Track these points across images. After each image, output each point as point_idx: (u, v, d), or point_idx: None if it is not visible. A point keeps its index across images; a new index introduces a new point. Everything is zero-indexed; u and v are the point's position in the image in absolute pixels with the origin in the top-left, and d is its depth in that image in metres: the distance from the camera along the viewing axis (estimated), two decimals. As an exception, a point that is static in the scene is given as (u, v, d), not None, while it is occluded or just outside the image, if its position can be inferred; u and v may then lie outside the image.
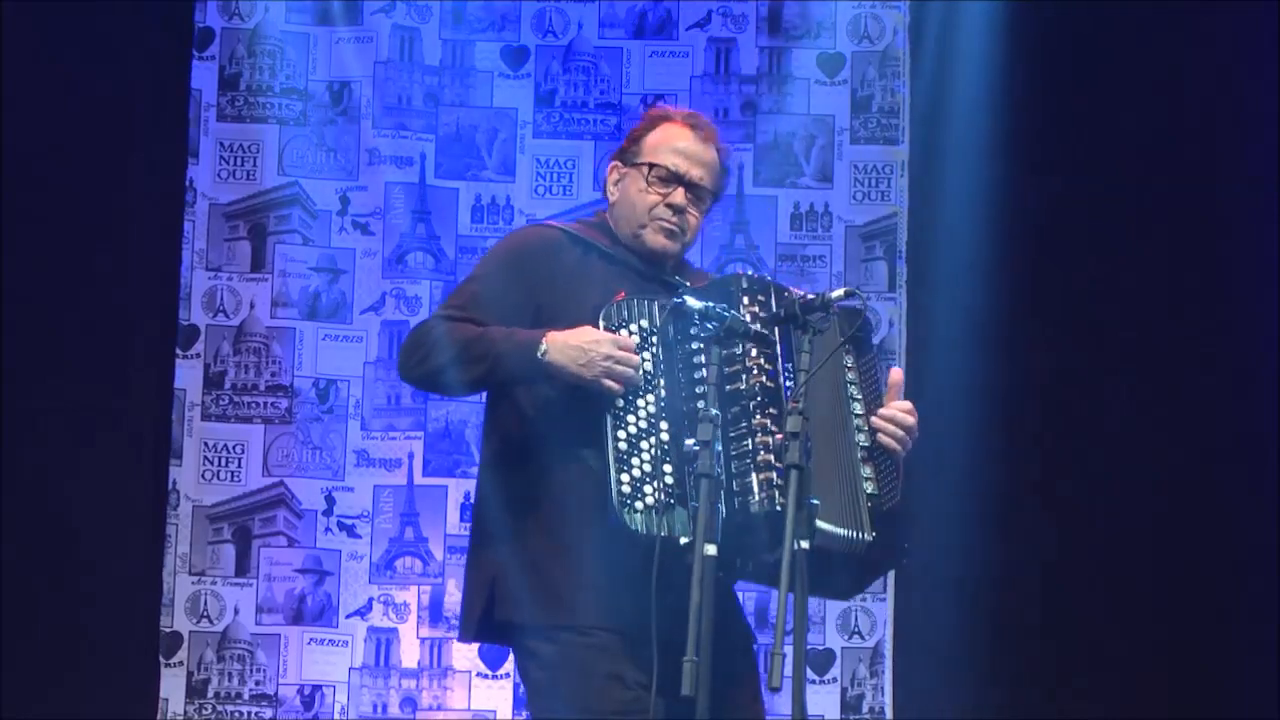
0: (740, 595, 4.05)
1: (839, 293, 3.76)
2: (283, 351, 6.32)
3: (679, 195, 3.94)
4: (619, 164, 4.02)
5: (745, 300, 3.78)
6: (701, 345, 3.74)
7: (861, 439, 3.81)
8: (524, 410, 3.89)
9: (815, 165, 6.40)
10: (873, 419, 3.83)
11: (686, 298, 3.75)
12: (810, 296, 3.77)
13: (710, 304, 3.73)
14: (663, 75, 6.43)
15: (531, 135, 6.43)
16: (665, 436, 3.73)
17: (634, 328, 3.80)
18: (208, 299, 6.33)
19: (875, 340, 5.83)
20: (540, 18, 6.48)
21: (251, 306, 6.33)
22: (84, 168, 6.19)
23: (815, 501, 3.60)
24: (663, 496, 3.67)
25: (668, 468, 3.70)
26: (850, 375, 3.85)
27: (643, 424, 3.74)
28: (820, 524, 3.63)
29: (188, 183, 6.32)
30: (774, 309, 3.79)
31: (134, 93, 6.26)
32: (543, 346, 3.77)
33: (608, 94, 6.44)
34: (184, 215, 6.31)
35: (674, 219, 3.95)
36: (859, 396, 3.84)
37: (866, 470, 3.79)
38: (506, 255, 4.01)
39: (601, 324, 3.79)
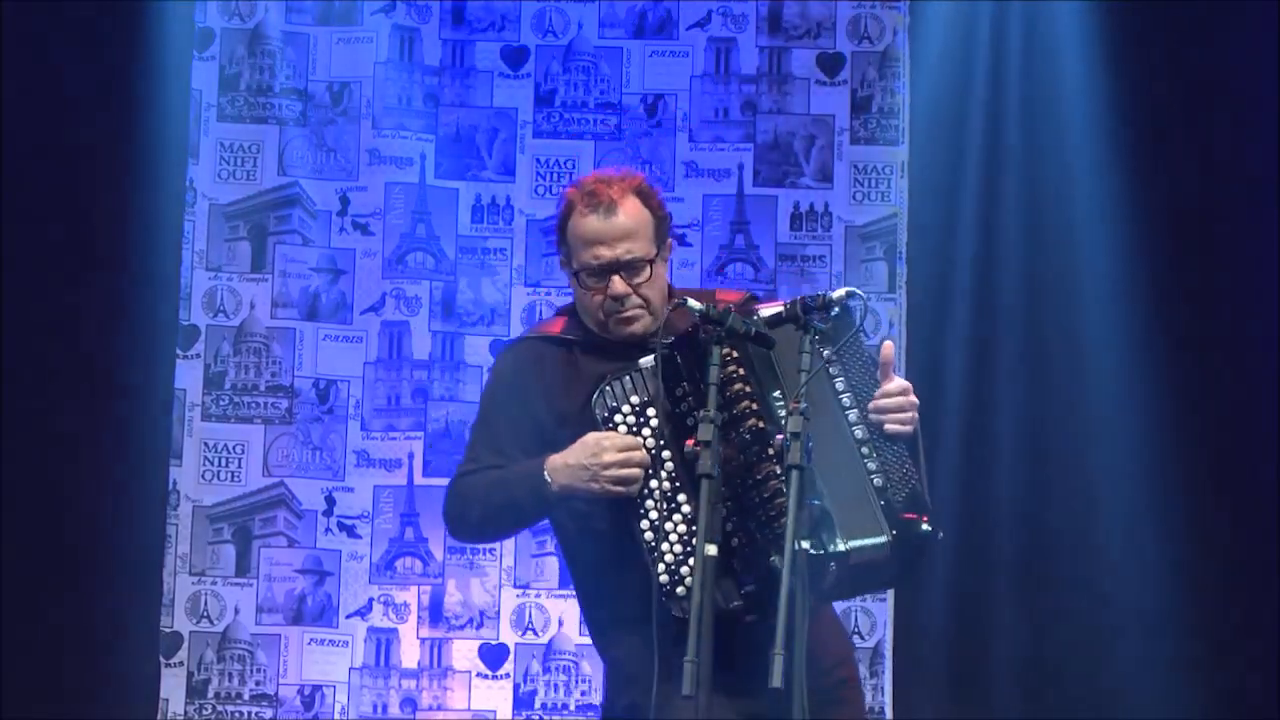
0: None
1: (840, 293, 3.75)
2: (283, 352, 6.32)
3: (616, 285, 3.89)
4: (563, 266, 4.01)
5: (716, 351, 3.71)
6: (690, 400, 3.73)
7: (858, 432, 3.76)
8: (569, 530, 3.95)
9: (815, 165, 6.40)
10: (870, 414, 3.77)
11: (688, 299, 3.75)
12: (809, 297, 3.75)
13: (709, 306, 3.72)
14: (663, 75, 6.43)
15: (531, 135, 6.43)
16: (687, 509, 3.73)
17: (625, 409, 3.80)
18: (208, 299, 6.32)
19: (873, 340, 5.80)
20: (540, 18, 6.48)
21: (251, 307, 6.33)
22: (84, 167, 6.18)
23: (817, 501, 3.60)
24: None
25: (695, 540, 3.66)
26: (832, 369, 3.78)
27: (662, 506, 3.73)
28: (852, 543, 3.64)
29: (188, 183, 6.32)
30: (784, 313, 3.75)
31: (134, 93, 6.26)
32: (546, 478, 3.80)
33: (608, 94, 6.44)
34: (184, 215, 6.31)
35: (624, 308, 3.91)
36: (844, 389, 3.78)
37: (871, 465, 3.74)
38: (498, 386, 4.03)
39: (597, 414, 3.79)
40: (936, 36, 6.34)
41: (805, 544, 3.52)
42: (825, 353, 3.77)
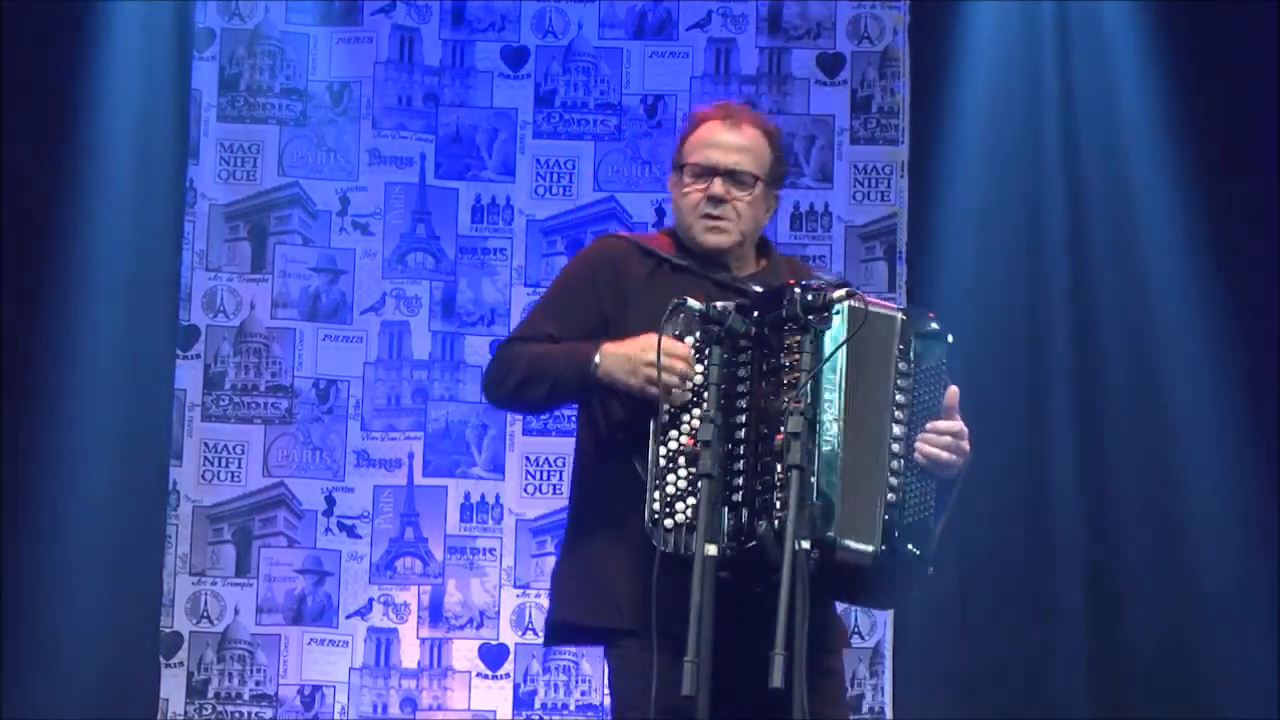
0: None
1: (839, 293, 3.74)
2: (283, 352, 6.32)
3: (716, 186, 3.91)
4: (673, 173, 4.03)
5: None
6: (745, 356, 3.73)
7: (895, 447, 3.75)
8: (597, 423, 3.92)
9: (815, 165, 6.40)
10: (919, 441, 3.76)
11: (688, 299, 3.75)
12: (809, 297, 3.74)
13: (710, 305, 3.72)
14: (663, 75, 6.43)
15: (531, 135, 6.43)
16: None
17: (689, 340, 3.77)
18: (208, 299, 6.33)
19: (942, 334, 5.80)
20: (540, 18, 6.48)
21: (251, 307, 6.33)
22: (84, 167, 6.18)
23: (818, 503, 3.60)
24: (694, 514, 3.65)
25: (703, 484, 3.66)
26: (902, 382, 3.78)
27: (685, 440, 3.72)
28: (843, 540, 3.62)
29: (188, 183, 6.32)
30: (784, 312, 3.75)
31: (134, 93, 6.25)
32: (596, 359, 3.79)
33: (608, 94, 6.44)
34: (184, 215, 6.31)
35: (715, 211, 3.92)
36: (903, 403, 3.77)
37: (893, 480, 3.73)
38: (573, 272, 4.03)
39: (665, 329, 3.76)
40: (937, 36, 6.34)
41: (805, 544, 3.52)
42: (902, 366, 3.78)
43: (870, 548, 3.69)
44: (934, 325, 3.79)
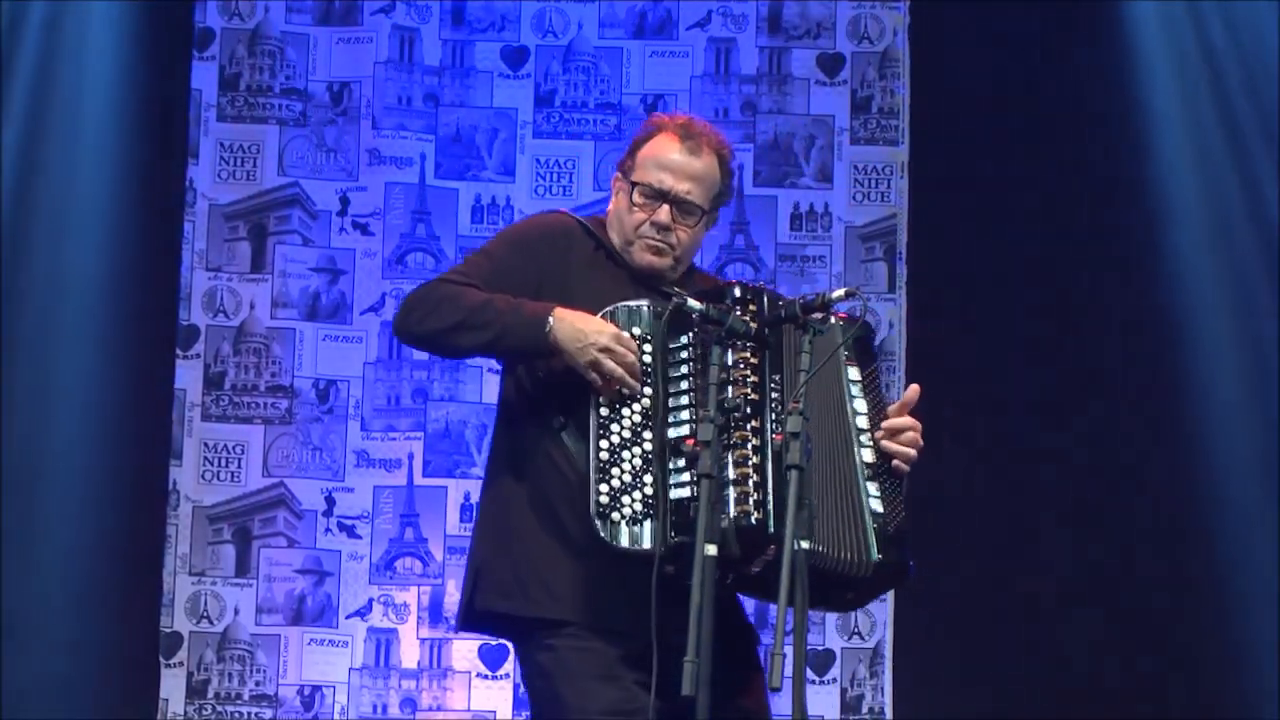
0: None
1: (839, 293, 3.74)
2: (283, 352, 6.32)
3: (663, 213, 3.89)
4: (619, 175, 3.99)
5: (738, 310, 3.73)
6: (688, 356, 3.72)
7: (866, 455, 3.76)
8: (525, 391, 3.87)
9: (815, 165, 6.40)
10: (882, 441, 3.77)
11: (688, 299, 3.75)
12: (809, 297, 3.76)
13: (710, 305, 3.73)
14: (663, 75, 6.44)
15: (531, 135, 6.43)
16: (649, 446, 3.70)
17: (635, 332, 3.78)
18: (208, 299, 6.33)
19: (875, 342, 5.80)
20: (540, 18, 6.48)
21: (251, 307, 6.33)
22: (84, 167, 6.18)
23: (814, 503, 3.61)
24: (640, 508, 3.66)
25: (648, 478, 3.68)
26: (854, 389, 3.80)
27: (627, 433, 3.71)
28: (818, 547, 3.60)
29: (188, 183, 6.32)
30: (770, 312, 3.76)
31: (134, 93, 6.26)
32: (550, 321, 3.74)
33: (608, 94, 6.44)
34: (184, 215, 6.31)
35: (658, 237, 3.90)
36: (863, 410, 3.79)
37: (872, 488, 3.74)
38: (521, 234, 3.99)
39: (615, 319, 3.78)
40: (936, 36, 6.35)
41: (804, 544, 3.52)
42: (853, 373, 3.80)
43: (869, 559, 3.70)
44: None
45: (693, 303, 3.74)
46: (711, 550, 3.53)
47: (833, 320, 3.77)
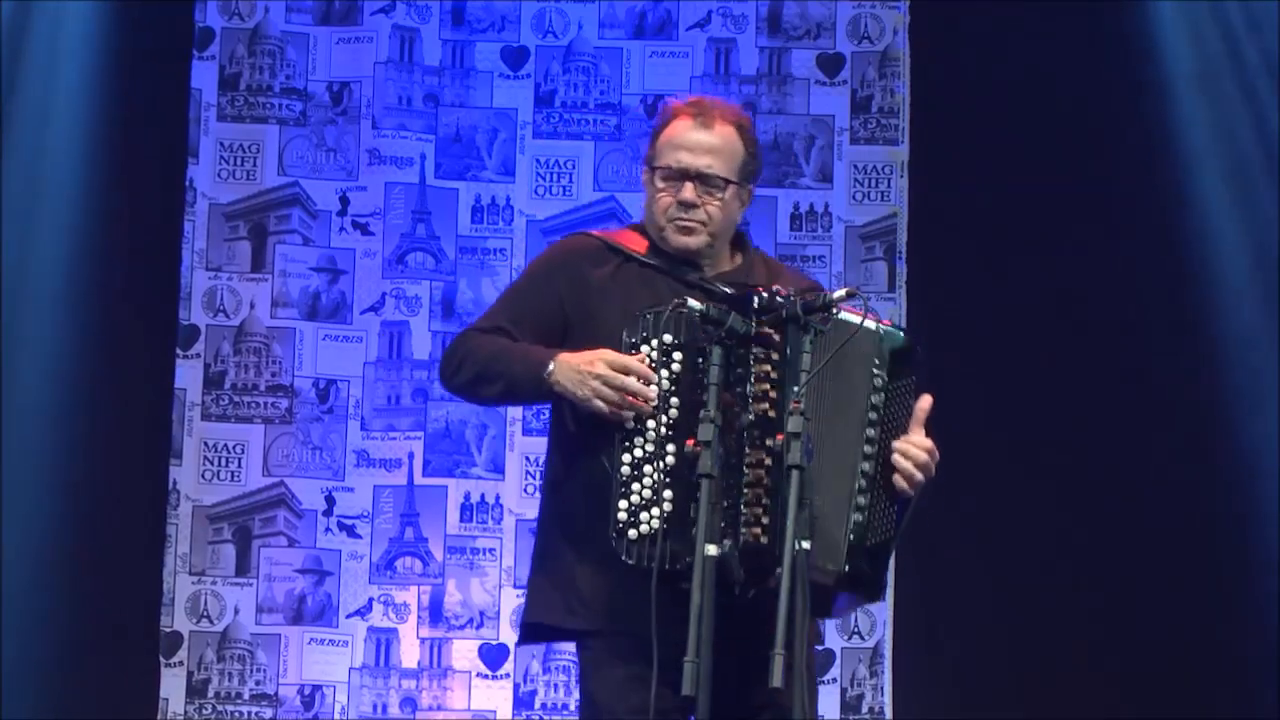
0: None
1: (840, 293, 3.74)
2: (283, 351, 6.32)
3: (687, 191, 3.90)
4: (645, 168, 4.02)
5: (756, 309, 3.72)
6: (690, 360, 3.72)
7: (866, 466, 3.75)
8: (566, 422, 3.90)
9: (815, 165, 6.41)
10: (893, 457, 3.76)
11: (689, 299, 3.74)
12: (810, 298, 3.75)
13: (710, 306, 3.72)
14: (663, 75, 6.43)
15: (531, 135, 6.43)
16: (671, 460, 3.68)
17: (654, 343, 3.73)
18: (208, 299, 6.33)
19: (914, 358, 5.82)
20: (540, 18, 6.48)
21: (251, 306, 6.34)
22: (83, 167, 6.18)
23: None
24: (659, 524, 3.65)
25: (668, 493, 3.66)
26: (876, 398, 3.79)
27: (649, 447, 3.70)
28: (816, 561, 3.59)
29: (188, 183, 6.33)
30: (772, 313, 3.74)
31: (134, 93, 6.26)
32: (549, 368, 3.78)
33: (608, 94, 6.44)
34: (184, 215, 6.31)
35: (686, 216, 3.91)
36: (876, 420, 3.77)
37: (861, 500, 3.73)
38: (538, 265, 4.04)
39: (624, 337, 3.75)
40: (936, 36, 6.35)
41: (805, 544, 3.52)
42: (877, 381, 3.79)
43: (834, 567, 3.69)
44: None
45: (693, 303, 3.73)
46: (712, 550, 3.53)
47: (871, 324, 3.75)
